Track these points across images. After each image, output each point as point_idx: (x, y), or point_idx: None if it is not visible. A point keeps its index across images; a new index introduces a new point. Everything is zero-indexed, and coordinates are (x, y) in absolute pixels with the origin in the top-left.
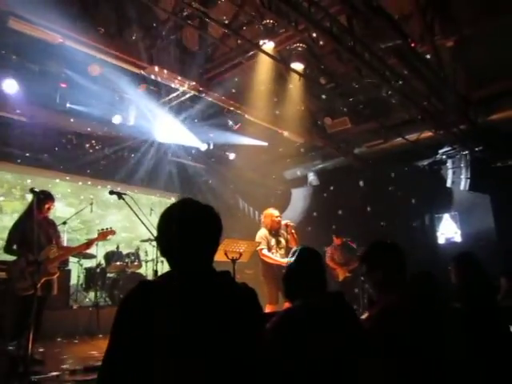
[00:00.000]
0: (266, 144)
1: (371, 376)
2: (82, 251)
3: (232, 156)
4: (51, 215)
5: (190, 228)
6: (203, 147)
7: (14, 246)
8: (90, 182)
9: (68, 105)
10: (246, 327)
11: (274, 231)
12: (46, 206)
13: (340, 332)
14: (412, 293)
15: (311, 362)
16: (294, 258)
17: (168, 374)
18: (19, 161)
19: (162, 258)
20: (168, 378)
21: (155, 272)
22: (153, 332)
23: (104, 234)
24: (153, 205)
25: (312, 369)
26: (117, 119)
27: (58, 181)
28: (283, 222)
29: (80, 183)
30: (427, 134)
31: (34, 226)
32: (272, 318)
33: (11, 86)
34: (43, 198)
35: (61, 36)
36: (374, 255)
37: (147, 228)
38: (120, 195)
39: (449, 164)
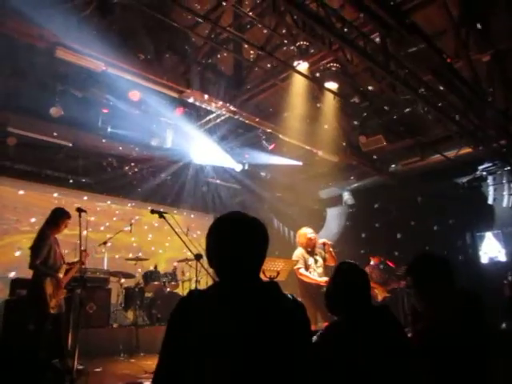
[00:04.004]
0: (300, 164)
1: None
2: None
3: (267, 176)
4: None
5: (237, 238)
6: (238, 168)
7: (38, 261)
8: (129, 204)
9: (109, 129)
10: (292, 338)
11: (310, 249)
12: (63, 224)
13: (385, 345)
14: (459, 309)
15: (356, 376)
16: (336, 273)
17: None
18: (62, 184)
19: (200, 278)
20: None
21: None
22: (201, 338)
23: (73, 268)
24: (189, 224)
25: (356, 382)
26: (155, 142)
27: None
28: (321, 241)
29: (119, 204)
30: (466, 150)
31: (53, 244)
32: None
33: (56, 112)
34: (63, 216)
35: (104, 64)
36: (423, 267)
37: (187, 246)
38: (161, 214)
39: (489, 180)
